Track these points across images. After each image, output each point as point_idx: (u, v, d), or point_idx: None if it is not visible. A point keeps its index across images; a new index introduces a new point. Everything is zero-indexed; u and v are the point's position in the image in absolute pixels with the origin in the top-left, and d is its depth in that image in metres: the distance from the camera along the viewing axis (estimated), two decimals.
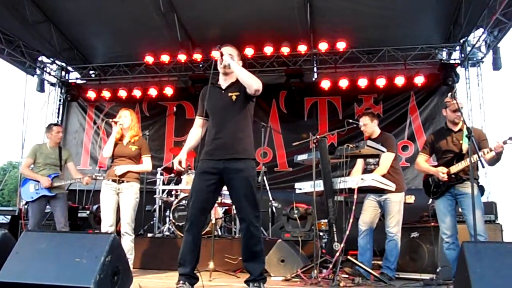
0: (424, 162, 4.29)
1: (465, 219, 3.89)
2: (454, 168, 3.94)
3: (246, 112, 3.34)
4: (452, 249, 3.95)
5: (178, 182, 6.59)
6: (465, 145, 3.90)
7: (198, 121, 3.49)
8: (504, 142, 3.66)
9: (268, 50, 7.81)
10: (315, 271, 3.87)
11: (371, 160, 4.62)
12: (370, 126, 4.69)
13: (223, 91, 3.35)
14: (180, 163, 3.37)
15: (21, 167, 5.39)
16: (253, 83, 3.21)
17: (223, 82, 3.39)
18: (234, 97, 3.29)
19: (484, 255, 2.34)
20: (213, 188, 3.26)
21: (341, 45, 7.67)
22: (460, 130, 4.05)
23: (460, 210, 4.09)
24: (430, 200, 5.08)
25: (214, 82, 3.44)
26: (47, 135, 5.46)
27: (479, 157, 3.69)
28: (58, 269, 2.45)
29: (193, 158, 7.40)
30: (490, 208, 5.54)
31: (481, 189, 4.03)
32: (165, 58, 8.15)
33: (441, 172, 3.97)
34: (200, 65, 8.59)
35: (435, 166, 4.15)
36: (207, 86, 3.47)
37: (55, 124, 5.64)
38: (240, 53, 3.51)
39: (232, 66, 3.27)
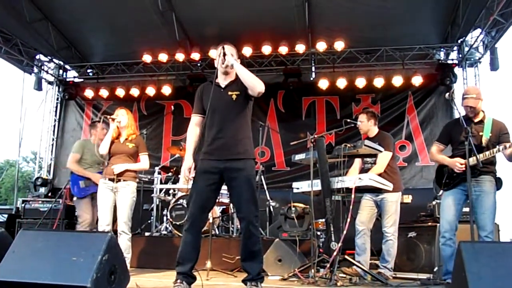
0: (439, 152, 4.15)
1: (475, 218, 3.71)
2: (471, 162, 3.72)
3: (246, 111, 3.32)
4: (448, 245, 3.83)
5: (175, 181, 6.58)
6: (485, 138, 3.78)
7: (196, 119, 3.41)
8: None
9: (266, 49, 7.80)
10: (312, 271, 3.88)
11: (368, 159, 4.63)
12: (365, 124, 4.71)
13: (222, 90, 3.30)
14: (190, 170, 3.28)
15: (68, 163, 5.30)
16: (257, 86, 3.19)
17: (222, 81, 3.35)
18: (234, 96, 3.26)
19: (481, 254, 2.35)
20: (214, 187, 3.26)
21: (339, 45, 7.67)
22: (481, 121, 3.90)
23: (466, 209, 4.01)
24: (434, 201, 5.07)
25: (212, 80, 3.42)
26: (92, 131, 5.45)
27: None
28: (55, 268, 2.44)
29: None
30: None
31: (499, 182, 3.89)
32: (163, 57, 8.12)
33: (459, 163, 3.78)
34: (198, 64, 8.59)
35: (450, 157, 4.01)
36: (205, 84, 3.45)
37: (99, 121, 5.53)
38: (238, 52, 3.50)
39: (235, 67, 3.25)
